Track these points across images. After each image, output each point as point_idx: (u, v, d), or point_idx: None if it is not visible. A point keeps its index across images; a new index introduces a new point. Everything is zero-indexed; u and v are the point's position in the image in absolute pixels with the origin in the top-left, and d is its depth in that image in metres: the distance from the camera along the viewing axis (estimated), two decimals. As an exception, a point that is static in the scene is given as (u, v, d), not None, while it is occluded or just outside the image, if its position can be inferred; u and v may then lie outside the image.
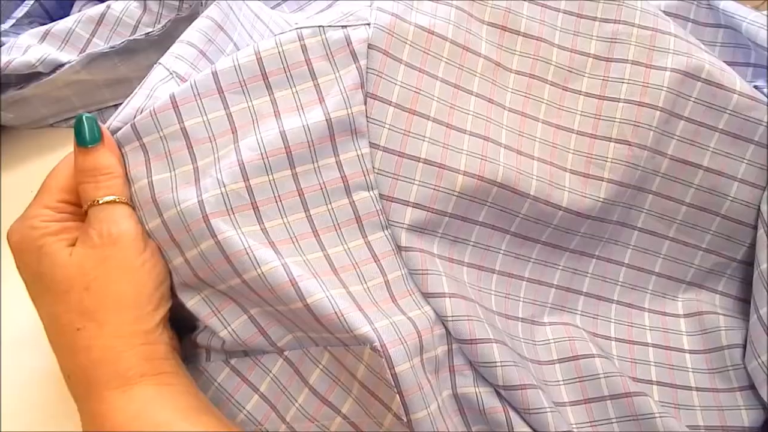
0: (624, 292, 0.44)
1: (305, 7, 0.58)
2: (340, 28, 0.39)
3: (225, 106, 0.37)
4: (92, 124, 0.36)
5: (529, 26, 0.43)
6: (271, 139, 0.36)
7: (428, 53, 0.39)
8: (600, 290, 0.44)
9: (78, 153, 0.36)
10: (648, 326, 0.43)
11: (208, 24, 0.42)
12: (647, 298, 0.44)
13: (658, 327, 0.43)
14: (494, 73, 0.41)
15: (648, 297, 0.44)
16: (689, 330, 0.43)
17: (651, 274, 0.44)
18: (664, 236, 0.44)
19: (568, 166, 0.41)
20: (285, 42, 0.38)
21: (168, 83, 0.39)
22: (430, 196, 0.37)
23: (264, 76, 0.38)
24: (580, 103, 0.42)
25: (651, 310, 0.44)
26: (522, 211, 0.40)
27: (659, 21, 0.43)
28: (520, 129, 0.41)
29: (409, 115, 0.38)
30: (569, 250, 0.43)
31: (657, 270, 0.44)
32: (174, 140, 0.37)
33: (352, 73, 0.38)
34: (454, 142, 0.38)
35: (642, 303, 0.44)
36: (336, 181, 0.37)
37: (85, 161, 0.36)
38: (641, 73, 0.42)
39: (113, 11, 0.48)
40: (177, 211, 0.35)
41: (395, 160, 0.38)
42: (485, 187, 0.38)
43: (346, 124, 0.37)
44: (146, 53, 0.50)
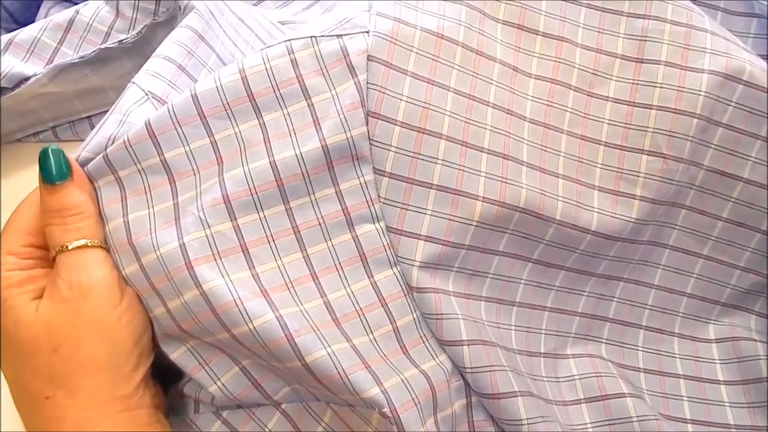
0: (653, 317, 0.40)
1: (291, 2, 0.53)
2: (334, 38, 0.34)
3: (209, 134, 0.33)
4: (59, 158, 0.32)
5: (548, 24, 0.38)
6: (261, 171, 0.32)
7: (437, 60, 0.35)
8: (627, 316, 0.40)
9: (44, 191, 0.32)
10: (678, 354, 0.40)
11: (187, 35, 0.37)
12: (678, 322, 0.41)
13: (689, 355, 0.40)
14: (512, 80, 0.37)
15: (678, 321, 0.41)
16: (723, 358, 0.40)
17: (682, 295, 0.41)
18: (698, 254, 0.40)
19: (596, 183, 0.37)
20: (273, 57, 0.33)
21: (143, 106, 0.34)
22: (445, 228, 0.33)
23: (250, 96, 0.33)
24: (607, 111, 0.38)
25: (681, 335, 0.41)
26: (546, 237, 0.36)
27: (693, 16, 0.38)
28: (542, 143, 0.36)
29: (418, 135, 0.33)
30: (596, 275, 0.38)
31: (689, 291, 0.41)
32: (154, 174, 0.33)
33: (350, 90, 0.33)
34: (470, 162, 0.34)
35: (672, 328, 0.41)
36: (336, 215, 0.33)
37: (52, 200, 0.32)
38: (676, 75, 0.37)
39: (82, 17, 0.43)
40: (156, 256, 0.31)
41: (404, 187, 0.33)
42: (507, 214, 0.34)
43: (346, 149, 0.33)
44: (120, 61, 0.45)
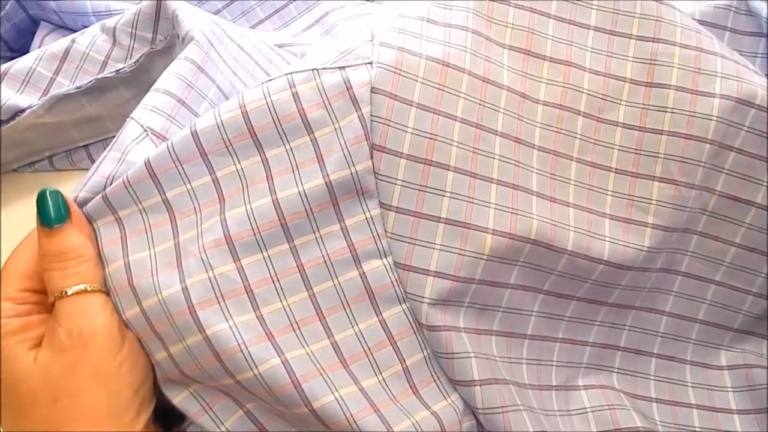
0: (665, 344, 0.39)
1: (290, 23, 0.52)
2: (337, 70, 0.33)
3: (210, 171, 0.32)
4: (57, 200, 0.31)
5: (555, 48, 0.37)
6: (263, 210, 0.31)
7: (443, 90, 0.34)
8: (639, 344, 0.39)
9: (42, 234, 0.31)
10: (690, 382, 0.39)
11: (186, 67, 0.36)
12: (689, 349, 0.40)
13: (701, 383, 0.39)
14: (520, 107, 0.36)
15: (690, 348, 0.40)
16: (735, 386, 0.39)
17: (694, 322, 0.40)
18: (710, 280, 0.39)
19: (607, 211, 0.36)
20: (274, 91, 0.32)
21: (142, 142, 0.33)
22: (455, 263, 0.32)
23: (252, 132, 0.32)
24: (617, 136, 0.37)
25: (693, 362, 0.40)
26: (558, 268, 0.35)
27: (703, 39, 0.38)
28: (551, 171, 0.36)
29: (425, 167, 0.32)
30: (607, 304, 0.37)
31: (701, 317, 0.40)
32: (155, 213, 0.32)
33: (353, 124, 0.32)
34: (479, 194, 0.33)
35: (684, 355, 0.40)
36: (342, 251, 0.32)
37: (51, 244, 0.31)
38: (686, 100, 0.36)
39: (79, 46, 0.42)
40: (158, 300, 0.30)
41: (411, 221, 0.32)
42: (517, 246, 0.33)
43: (350, 184, 0.32)
44: (117, 90, 0.44)
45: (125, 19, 0.42)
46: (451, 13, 0.36)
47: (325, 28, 0.52)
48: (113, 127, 0.45)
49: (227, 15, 0.52)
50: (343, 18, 0.52)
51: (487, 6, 0.36)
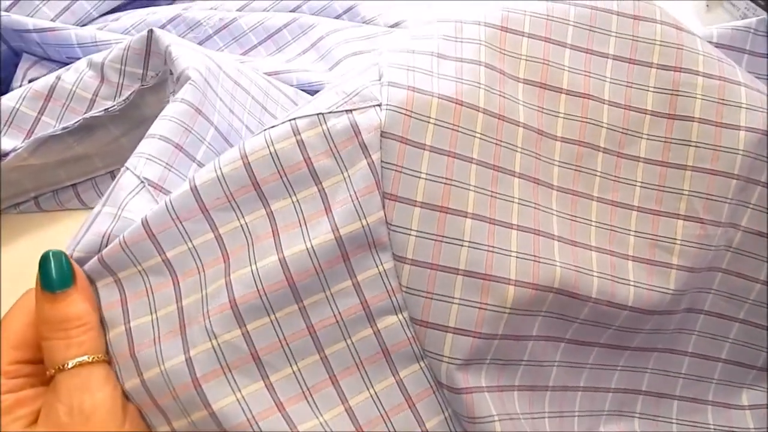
0: (687, 386, 0.38)
1: (284, 48, 0.50)
2: (343, 114, 0.31)
3: (212, 228, 0.30)
4: (61, 263, 0.29)
5: (572, 80, 0.35)
6: (270, 270, 0.29)
7: (458, 130, 0.31)
8: (661, 386, 0.37)
9: (43, 300, 0.29)
10: (712, 425, 0.38)
11: (182, 109, 0.34)
12: (711, 389, 0.38)
13: (723, 426, 0.38)
14: (537, 145, 0.34)
15: (713, 388, 0.38)
16: (757, 426, 0.38)
17: (717, 361, 0.38)
18: (734, 318, 0.38)
19: (630, 253, 0.34)
20: (277, 138, 0.30)
21: (139, 195, 0.31)
22: (476, 318, 0.30)
23: (256, 184, 0.30)
24: (639, 172, 0.35)
25: (715, 402, 0.38)
26: (581, 316, 0.33)
27: (725, 67, 0.36)
28: (572, 212, 0.34)
29: (440, 215, 0.30)
30: (630, 349, 0.36)
31: (724, 356, 0.38)
32: (156, 275, 0.30)
33: (363, 172, 0.30)
34: (499, 242, 0.31)
35: (706, 396, 0.38)
36: (355, 309, 0.30)
37: (53, 311, 0.28)
38: (711, 133, 0.35)
39: (64, 83, 0.40)
40: (161, 371, 0.28)
41: (428, 274, 0.30)
42: (541, 296, 0.31)
43: (362, 237, 0.30)
44: (106, 128, 0.41)
45: (114, 54, 0.39)
46: (462, 47, 0.34)
47: (320, 53, 0.50)
48: (102, 165, 0.43)
49: (219, 41, 0.50)
50: (340, 42, 0.50)
51: (500, 37, 0.34)
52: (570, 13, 0.35)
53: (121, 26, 0.48)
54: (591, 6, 0.36)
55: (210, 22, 0.49)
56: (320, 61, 0.49)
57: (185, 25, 0.49)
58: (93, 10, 0.49)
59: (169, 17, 0.49)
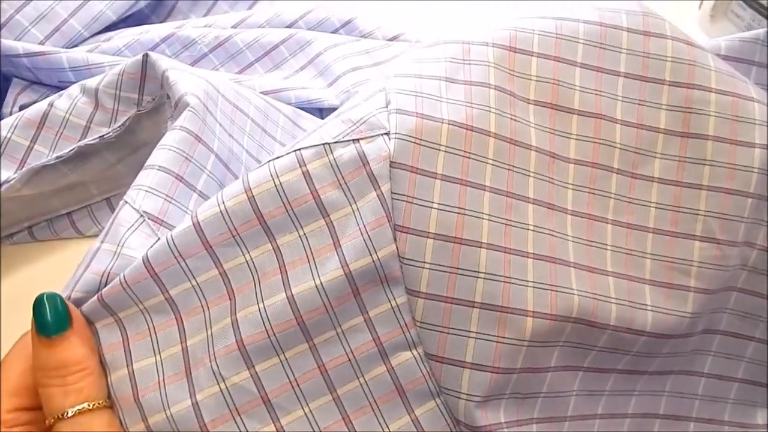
0: (703, 407, 0.37)
1: (281, 65, 0.49)
2: (350, 143, 0.29)
3: (216, 264, 0.29)
4: (56, 306, 0.28)
5: (584, 100, 0.34)
6: (278, 309, 0.28)
7: (469, 157, 0.30)
8: (677, 409, 0.36)
9: (39, 345, 0.27)
10: None
11: (181, 137, 0.33)
12: (728, 409, 0.37)
13: None
14: (550, 168, 0.33)
15: (729, 408, 0.38)
16: None
17: (733, 381, 0.37)
18: (749, 337, 0.37)
19: (647, 276, 0.33)
20: (282, 170, 0.29)
21: (138, 229, 0.30)
22: (493, 352, 0.29)
23: (261, 219, 0.29)
24: (653, 193, 0.34)
25: (731, 422, 0.37)
26: (599, 344, 0.32)
27: (737, 83, 0.35)
28: (587, 237, 0.33)
29: (455, 246, 0.29)
30: (647, 373, 0.35)
31: (740, 376, 0.37)
32: (159, 313, 0.29)
33: (372, 204, 0.29)
34: (515, 272, 0.30)
35: (722, 416, 0.37)
36: (367, 346, 0.29)
37: (50, 356, 0.27)
38: (725, 151, 0.34)
39: (57, 110, 0.38)
40: (167, 417, 0.27)
41: (442, 308, 0.29)
42: (559, 327, 0.30)
43: (373, 272, 0.28)
44: (101, 155, 0.40)
45: (108, 79, 0.38)
46: (471, 69, 0.33)
47: (318, 69, 0.49)
48: (97, 192, 0.42)
49: (214, 59, 0.49)
50: (338, 57, 0.49)
51: (509, 58, 0.33)
52: (579, 30, 0.34)
53: (114, 47, 0.47)
54: (600, 23, 0.35)
55: (205, 40, 0.48)
56: (319, 78, 0.48)
57: (179, 43, 0.48)
58: (84, 30, 0.48)
59: (162, 36, 0.47)
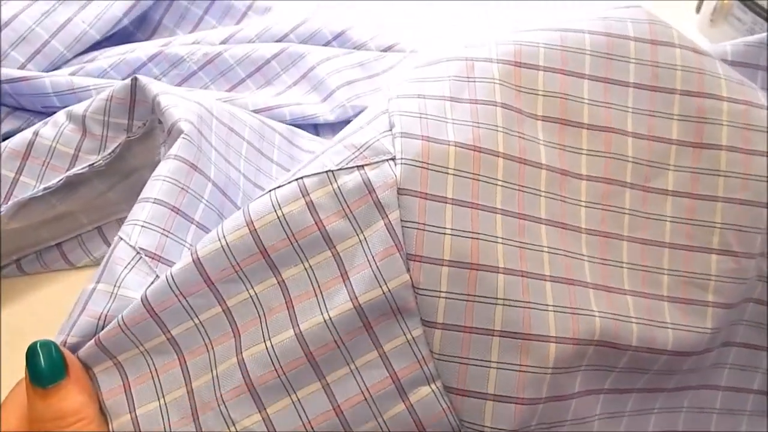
0: (721, 420, 0.36)
1: (273, 81, 0.47)
2: (355, 170, 0.28)
3: (219, 301, 0.27)
4: (50, 354, 0.26)
5: (593, 113, 0.33)
6: (286, 346, 0.27)
7: (479, 180, 0.29)
8: (696, 424, 0.36)
9: (34, 396, 0.26)
10: None
11: (176, 166, 0.31)
12: (744, 421, 0.37)
13: None
14: (561, 186, 0.31)
15: (745, 420, 0.37)
16: None
17: (749, 392, 0.37)
18: (764, 348, 0.36)
19: (665, 293, 0.32)
20: (284, 201, 0.28)
21: (136, 268, 0.29)
22: (516, 382, 0.28)
23: (264, 253, 0.28)
24: (668, 207, 0.33)
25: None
26: (620, 365, 0.31)
27: (747, 90, 0.34)
28: (603, 256, 0.32)
29: (471, 273, 0.28)
30: (667, 390, 0.34)
31: (756, 387, 0.37)
32: (161, 354, 0.28)
33: (380, 234, 0.27)
34: (534, 296, 0.28)
35: (739, 428, 0.37)
36: (384, 383, 0.27)
37: (46, 407, 0.26)
38: (739, 161, 0.33)
39: (43, 139, 0.37)
40: None
41: (461, 338, 0.28)
42: (582, 351, 0.29)
43: (384, 305, 0.27)
44: (91, 183, 0.39)
45: (95, 105, 0.37)
46: (476, 87, 0.31)
47: (312, 83, 0.47)
48: (88, 221, 0.40)
49: (204, 77, 0.47)
50: (332, 71, 0.47)
51: (514, 73, 0.32)
52: (585, 41, 0.33)
53: (98, 68, 0.45)
54: (606, 33, 0.33)
55: (194, 57, 0.46)
56: (313, 92, 0.47)
57: (167, 62, 0.46)
58: (66, 51, 0.46)
59: (149, 55, 0.46)
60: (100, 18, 0.47)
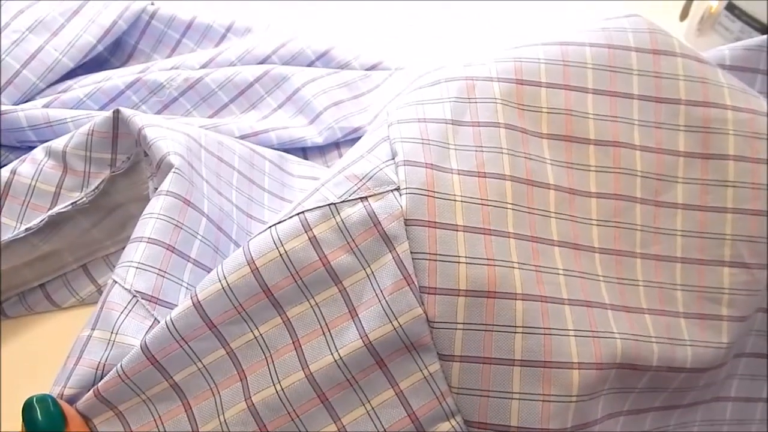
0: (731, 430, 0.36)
1: (258, 104, 0.46)
2: (358, 202, 0.27)
3: (223, 343, 0.26)
4: (47, 408, 0.25)
5: (599, 128, 0.32)
6: (297, 389, 0.26)
7: (488, 204, 0.28)
8: None
9: None
10: None
11: (170, 203, 0.30)
12: (754, 429, 0.36)
13: None
14: (571, 206, 0.31)
15: (755, 428, 0.36)
16: None
17: (758, 401, 0.36)
18: None
19: (681, 309, 0.31)
20: (286, 237, 0.26)
21: (133, 312, 0.27)
22: (540, 412, 0.27)
23: (267, 292, 0.26)
24: (678, 221, 0.32)
25: None
26: (639, 386, 0.30)
27: (750, 98, 0.33)
28: (618, 275, 0.31)
29: (488, 301, 0.27)
30: (682, 407, 0.33)
31: (765, 396, 0.36)
32: (164, 401, 0.26)
33: (388, 267, 0.26)
34: (554, 322, 0.27)
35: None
36: (402, 423, 0.26)
37: None
38: (748, 170, 0.32)
39: (21, 178, 0.35)
40: None
41: (480, 369, 0.26)
42: (604, 375, 0.28)
43: (396, 341, 0.26)
44: (74, 221, 0.37)
45: (76, 140, 0.35)
46: (477, 108, 0.30)
47: (298, 105, 0.46)
48: (72, 259, 0.39)
49: (185, 103, 0.45)
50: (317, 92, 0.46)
51: (516, 91, 0.31)
52: (586, 54, 0.32)
53: (74, 98, 0.43)
54: (607, 45, 0.33)
55: (174, 83, 0.44)
56: (299, 115, 0.46)
57: (146, 89, 0.44)
58: (39, 81, 0.44)
59: (127, 83, 0.44)
60: (72, 45, 0.45)
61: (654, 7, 0.52)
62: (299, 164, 0.43)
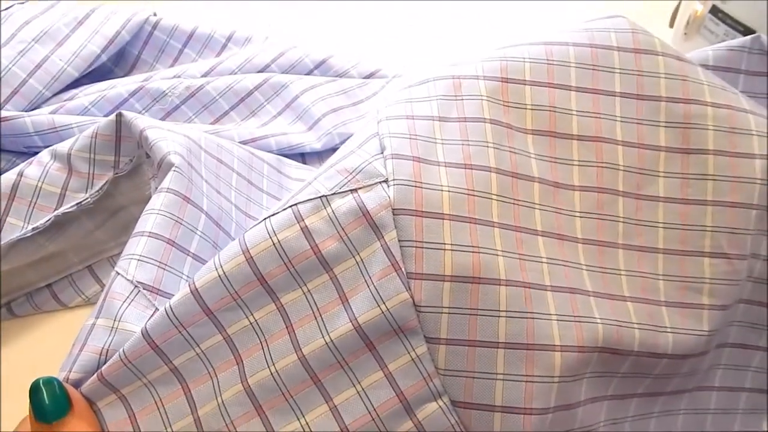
0: (716, 420, 0.36)
1: (258, 111, 0.47)
2: (348, 194, 0.28)
3: (220, 329, 0.27)
4: (54, 391, 0.26)
5: (582, 124, 0.33)
6: (291, 371, 0.27)
7: (474, 195, 0.29)
8: (692, 425, 0.36)
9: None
10: None
11: (170, 200, 0.31)
12: (738, 419, 0.37)
13: None
14: (555, 198, 0.32)
15: (739, 418, 0.37)
16: None
17: (741, 391, 0.37)
18: (756, 347, 0.36)
19: (662, 298, 0.32)
20: (279, 227, 0.28)
21: (134, 301, 0.28)
22: (524, 393, 0.28)
23: (262, 280, 0.27)
24: (660, 213, 0.33)
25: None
26: (621, 370, 0.31)
27: (730, 95, 0.35)
28: (601, 264, 0.32)
29: (473, 287, 0.28)
30: (666, 394, 0.34)
31: (748, 386, 0.37)
32: (165, 385, 0.27)
33: (377, 255, 0.27)
34: (537, 307, 0.28)
35: (732, 426, 0.37)
36: (391, 402, 0.27)
37: None
38: (727, 164, 0.33)
39: (28, 180, 0.36)
40: None
41: (466, 352, 0.27)
42: (586, 358, 0.29)
43: (384, 324, 0.27)
44: (79, 221, 0.38)
45: (81, 143, 0.36)
46: (464, 105, 0.32)
47: (297, 112, 0.47)
48: (78, 260, 0.40)
49: (187, 111, 0.47)
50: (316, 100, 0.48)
51: (501, 89, 0.32)
52: (570, 53, 0.34)
53: (79, 105, 0.45)
54: (590, 44, 0.34)
55: (176, 91, 0.46)
56: (298, 122, 0.47)
57: (149, 97, 0.46)
58: (45, 90, 0.46)
59: (130, 91, 0.46)
60: (77, 55, 0.47)
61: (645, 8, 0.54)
62: (297, 168, 0.44)
